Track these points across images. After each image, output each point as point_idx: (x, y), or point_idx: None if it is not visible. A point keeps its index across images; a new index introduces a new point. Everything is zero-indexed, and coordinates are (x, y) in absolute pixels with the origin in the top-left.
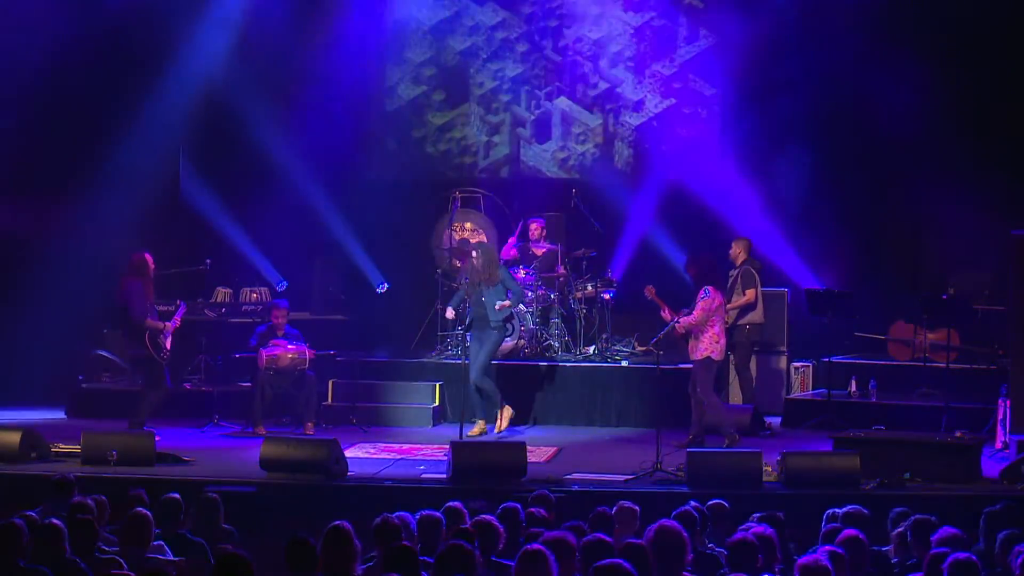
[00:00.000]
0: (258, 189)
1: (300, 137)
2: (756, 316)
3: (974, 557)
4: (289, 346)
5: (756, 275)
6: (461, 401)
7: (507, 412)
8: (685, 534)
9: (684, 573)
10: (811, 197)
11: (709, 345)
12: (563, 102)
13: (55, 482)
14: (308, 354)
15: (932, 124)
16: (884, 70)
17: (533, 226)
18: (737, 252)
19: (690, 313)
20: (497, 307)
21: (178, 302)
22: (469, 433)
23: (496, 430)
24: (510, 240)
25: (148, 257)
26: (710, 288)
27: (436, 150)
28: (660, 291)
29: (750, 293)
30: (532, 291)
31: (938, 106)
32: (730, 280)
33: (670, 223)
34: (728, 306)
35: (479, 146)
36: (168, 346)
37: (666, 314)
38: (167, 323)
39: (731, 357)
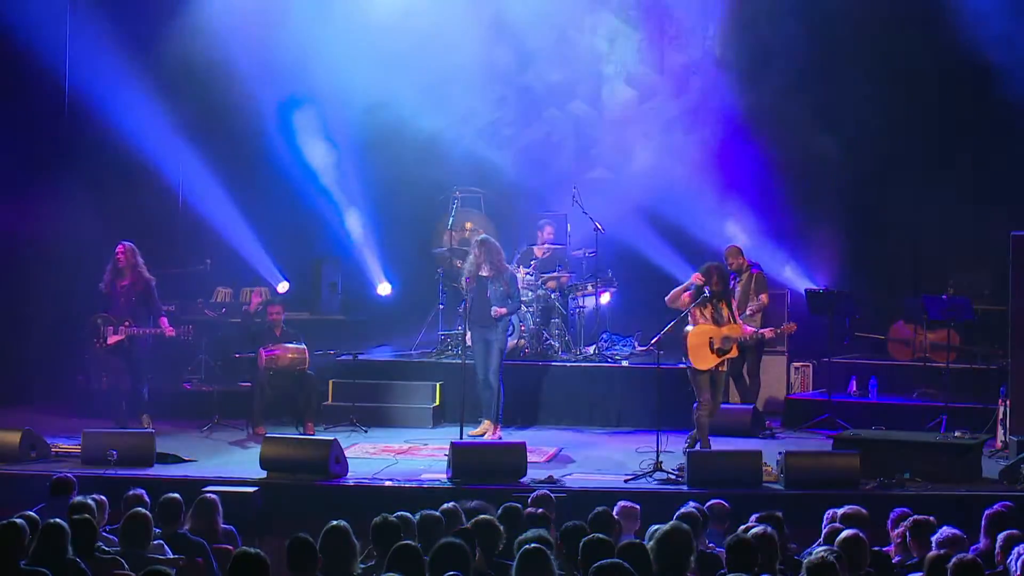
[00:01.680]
0: (258, 189)
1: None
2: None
3: (975, 557)
4: (289, 346)
5: (765, 278)
6: (462, 401)
7: (488, 427)
8: (693, 536)
9: (687, 574)
10: (811, 196)
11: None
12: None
13: (54, 482)
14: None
15: (932, 123)
16: (884, 68)
17: (548, 229)
18: (740, 260)
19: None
20: (494, 313)
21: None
22: (472, 433)
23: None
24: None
25: (118, 248)
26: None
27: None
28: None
29: (764, 297)
30: (532, 291)
31: (938, 105)
32: (739, 285)
33: (668, 221)
34: (748, 311)
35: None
36: (109, 340)
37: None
38: (107, 327)
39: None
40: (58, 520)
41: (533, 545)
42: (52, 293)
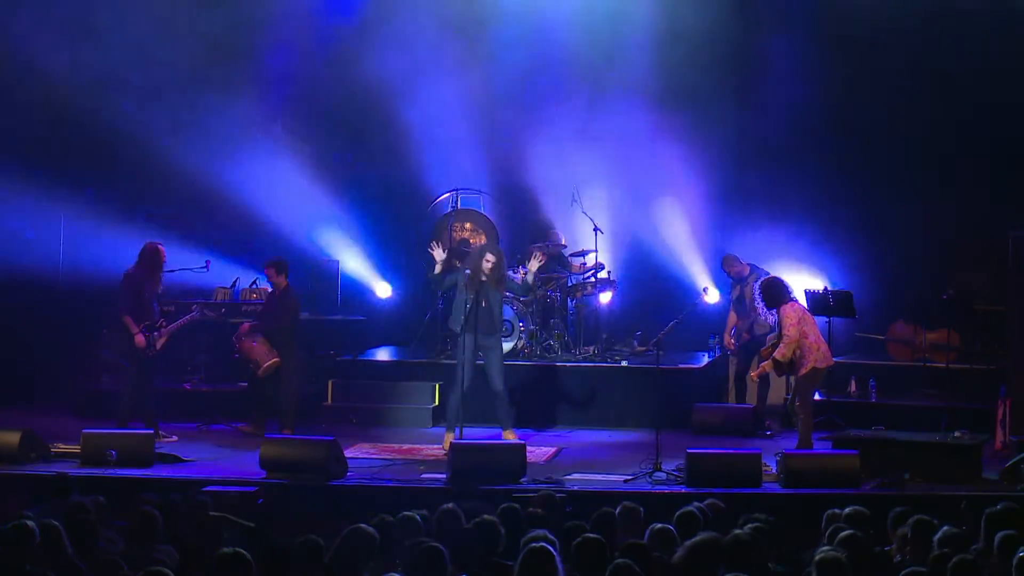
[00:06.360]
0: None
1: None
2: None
3: (974, 557)
4: (255, 346)
5: None
6: (466, 405)
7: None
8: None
9: None
10: (811, 198)
11: (813, 355)
12: None
13: (52, 481)
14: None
15: (931, 123)
16: (883, 69)
17: (562, 238)
18: (739, 267)
19: (779, 342)
20: (526, 277)
21: (193, 307)
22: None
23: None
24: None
25: (161, 248)
26: (788, 305)
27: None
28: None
29: None
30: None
31: (937, 105)
32: (747, 291)
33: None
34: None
35: None
36: (158, 345)
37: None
38: (153, 332)
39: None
40: (53, 521)
41: (538, 544)
42: (52, 292)
